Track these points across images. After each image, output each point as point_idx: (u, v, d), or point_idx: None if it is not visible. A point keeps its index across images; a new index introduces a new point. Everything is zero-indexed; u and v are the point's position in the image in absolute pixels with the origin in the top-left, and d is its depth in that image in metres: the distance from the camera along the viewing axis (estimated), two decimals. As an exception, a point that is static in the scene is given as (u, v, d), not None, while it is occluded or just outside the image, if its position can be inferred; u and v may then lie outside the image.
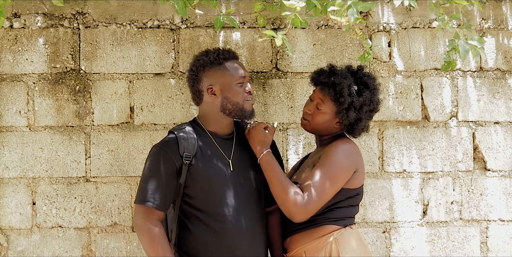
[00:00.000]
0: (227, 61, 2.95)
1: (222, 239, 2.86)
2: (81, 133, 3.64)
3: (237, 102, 2.92)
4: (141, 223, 2.84)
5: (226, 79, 2.93)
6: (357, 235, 2.97)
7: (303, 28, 3.73)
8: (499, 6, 3.85)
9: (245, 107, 2.94)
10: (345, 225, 2.95)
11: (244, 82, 2.96)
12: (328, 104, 2.97)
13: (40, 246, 3.63)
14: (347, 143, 2.99)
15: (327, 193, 2.84)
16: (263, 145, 2.97)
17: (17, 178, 3.62)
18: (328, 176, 2.85)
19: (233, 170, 2.94)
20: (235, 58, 3.00)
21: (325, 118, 2.99)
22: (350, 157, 2.94)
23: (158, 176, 2.87)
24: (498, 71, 3.85)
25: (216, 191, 2.89)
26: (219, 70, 2.93)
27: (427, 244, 3.79)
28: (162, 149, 2.90)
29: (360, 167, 2.98)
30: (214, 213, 2.87)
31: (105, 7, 3.65)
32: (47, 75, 3.64)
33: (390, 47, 3.78)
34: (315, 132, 3.07)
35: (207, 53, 2.98)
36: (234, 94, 2.92)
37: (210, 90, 2.93)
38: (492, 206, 3.82)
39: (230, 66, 2.95)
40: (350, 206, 2.99)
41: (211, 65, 2.94)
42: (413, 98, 3.78)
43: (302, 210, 2.80)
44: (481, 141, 3.83)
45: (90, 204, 3.64)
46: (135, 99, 3.66)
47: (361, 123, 3.01)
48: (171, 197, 2.89)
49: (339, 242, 2.88)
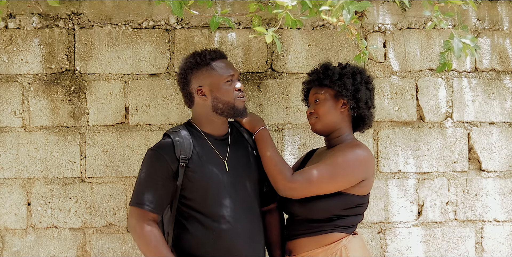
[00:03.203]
0: (214, 61, 2.96)
1: (220, 240, 2.86)
2: (76, 133, 3.64)
3: (227, 101, 2.93)
4: (135, 225, 2.85)
5: (214, 79, 2.94)
6: (363, 242, 3.01)
7: (298, 29, 3.73)
8: (495, 7, 3.86)
9: (236, 105, 2.95)
10: (351, 232, 2.97)
11: (233, 80, 2.96)
12: (323, 90, 3.01)
13: (35, 247, 3.62)
14: (364, 150, 2.96)
15: (319, 182, 2.84)
16: (257, 122, 3.07)
17: (12, 179, 3.61)
18: (330, 170, 2.85)
19: (229, 170, 2.94)
20: (222, 57, 3.01)
21: (327, 105, 3.00)
22: (363, 164, 2.93)
23: (153, 179, 2.87)
24: (493, 72, 3.85)
25: (213, 192, 2.89)
26: (206, 71, 2.95)
27: (422, 245, 3.79)
28: (158, 152, 2.90)
29: (370, 176, 2.97)
30: (211, 214, 2.88)
31: (100, 8, 3.65)
32: (42, 75, 3.63)
33: (385, 48, 3.79)
34: (326, 130, 3.04)
35: (194, 55, 3.00)
36: (223, 93, 2.93)
37: (200, 91, 2.94)
38: (487, 207, 3.83)
39: (217, 65, 2.96)
40: (357, 215, 2.99)
41: (198, 67, 2.96)
42: (408, 99, 3.79)
43: (288, 184, 2.86)
44: (476, 141, 3.83)
45: (85, 205, 3.64)
46: (130, 99, 3.66)
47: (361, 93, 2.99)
48: (167, 200, 2.89)
49: (348, 249, 2.90)
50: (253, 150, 3.07)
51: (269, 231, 3.12)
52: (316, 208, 2.90)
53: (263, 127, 3.06)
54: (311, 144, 3.72)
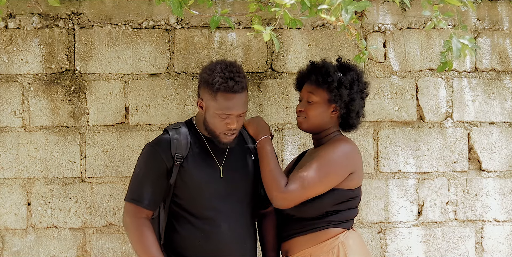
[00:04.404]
0: (222, 92, 2.79)
1: (209, 241, 2.87)
2: (76, 133, 3.64)
3: (213, 130, 2.87)
4: (129, 221, 2.87)
5: (211, 104, 2.82)
6: (360, 237, 3.00)
7: (298, 29, 3.73)
8: (494, 7, 3.86)
9: (220, 139, 2.87)
10: (348, 227, 2.96)
11: (230, 117, 2.82)
12: (318, 93, 2.97)
13: (35, 247, 3.62)
14: (347, 143, 2.98)
15: (312, 185, 2.83)
16: (262, 129, 3.01)
17: (12, 179, 3.61)
18: (320, 170, 2.85)
19: (223, 176, 2.93)
20: (235, 92, 2.79)
21: (319, 109, 2.97)
22: (348, 157, 2.93)
23: (148, 175, 2.88)
24: (493, 72, 3.85)
25: (205, 195, 2.89)
26: (210, 93, 2.81)
27: (422, 245, 3.79)
28: (154, 148, 2.90)
29: (358, 169, 2.97)
30: (201, 216, 2.88)
31: (100, 8, 3.65)
32: (42, 75, 3.63)
33: (385, 48, 3.79)
34: (312, 129, 3.04)
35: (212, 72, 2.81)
36: (212, 123, 2.85)
37: (199, 103, 2.89)
38: (487, 207, 3.83)
39: (222, 97, 2.79)
40: (350, 209, 2.98)
41: (206, 85, 2.83)
42: (408, 99, 3.79)
43: (283, 195, 2.83)
44: (476, 141, 3.83)
45: (85, 205, 3.64)
46: (130, 99, 3.66)
47: (355, 104, 2.97)
48: (161, 196, 2.90)
49: (345, 245, 2.89)
50: (252, 154, 3.04)
51: (265, 233, 3.12)
52: (308, 207, 2.89)
53: (265, 136, 3.00)
54: (311, 144, 3.70)
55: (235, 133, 2.88)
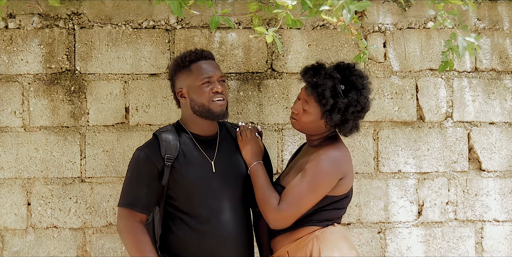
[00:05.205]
0: (194, 62, 2.95)
1: (205, 241, 2.87)
2: (76, 133, 3.64)
3: (202, 103, 2.91)
4: (123, 225, 2.87)
5: (190, 81, 2.94)
6: (340, 232, 2.95)
7: (298, 29, 3.73)
8: (495, 7, 3.86)
9: (212, 108, 2.91)
10: (327, 225, 2.94)
11: (211, 82, 2.92)
12: (313, 105, 2.90)
13: (35, 247, 3.62)
14: (335, 150, 2.93)
15: (305, 201, 2.83)
16: (255, 155, 3.01)
17: (12, 179, 3.61)
18: (309, 184, 2.82)
19: (215, 171, 2.94)
20: (205, 58, 2.98)
21: (311, 119, 2.93)
22: (336, 165, 2.89)
23: (140, 179, 2.90)
24: (493, 72, 3.85)
25: (198, 193, 2.90)
26: (185, 72, 2.95)
27: (422, 245, 3.79)
28: (144, 151, 2.92)
29: (348, 174, 2.93)
30: (196, 215, 2.89)
31: (100, 8, 3.65)
32: (42, 75, 3.63)
33: (386, 48, 3.79)
34: (304, 131, 3.03)
35: (177, 57, 3.02)
36: (198, 96, 2.92)
37: (180, 93, 2.97)
38: (487, 207, 3.83)
39: (196, 67, 2.94)
40: (335, 209, 2.96)
41: (179, 69, 2.97)
42: (408, 99, 3.79)
43: (277, 216, 2.83)
44: (476, 141, 3.83)
45: (85, 205, 3.64)
46: (130, 99, 3.66)
47: (347, 124, 2.91)
48: (154, 199, 2.90)
49: (321, 239, 2.87)
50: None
51: (260, 231, 3.12)
52: None
53: (257, 162, 2.99)
54: (311, 144, 3.72)
55: (224, 99, 2.93)
